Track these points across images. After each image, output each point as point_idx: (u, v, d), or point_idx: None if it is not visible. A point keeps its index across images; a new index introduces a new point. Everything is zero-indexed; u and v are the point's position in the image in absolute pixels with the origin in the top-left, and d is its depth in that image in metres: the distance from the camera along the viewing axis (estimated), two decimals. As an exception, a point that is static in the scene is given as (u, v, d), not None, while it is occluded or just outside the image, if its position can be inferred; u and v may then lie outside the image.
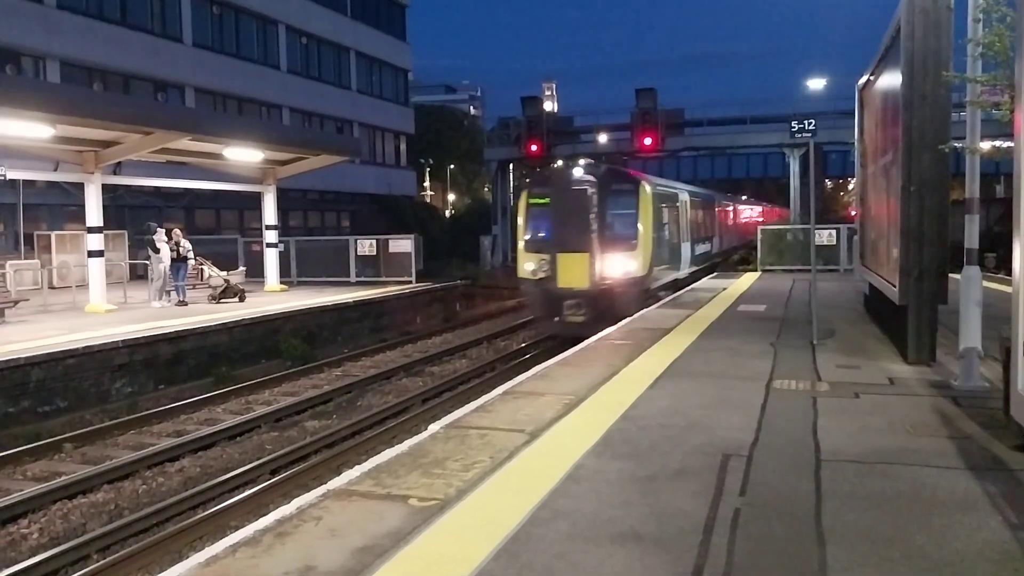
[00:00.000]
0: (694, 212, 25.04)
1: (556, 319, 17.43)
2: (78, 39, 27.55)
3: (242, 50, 36.22)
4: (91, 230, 17.54)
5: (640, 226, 17.58)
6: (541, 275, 17.27)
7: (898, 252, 9.50)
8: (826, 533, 4.62)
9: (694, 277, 23.92)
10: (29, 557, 7.07)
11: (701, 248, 26.15)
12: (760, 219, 47.88)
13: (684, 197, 23.19)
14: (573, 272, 16.86)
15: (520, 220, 18.73)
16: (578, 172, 17.94)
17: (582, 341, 12.13)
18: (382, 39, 46.28)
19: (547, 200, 17.86)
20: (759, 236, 27.85)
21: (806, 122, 11.78)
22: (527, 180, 38.43)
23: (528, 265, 17.85)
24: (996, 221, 32.26)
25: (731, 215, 37.70)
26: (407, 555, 4.40)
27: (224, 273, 20.31)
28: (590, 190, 17.07)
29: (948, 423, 7.04)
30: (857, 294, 16.64)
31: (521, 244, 18.49)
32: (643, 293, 17.63)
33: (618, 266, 17.16)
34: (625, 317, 14.73)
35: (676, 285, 21.21)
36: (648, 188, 18.07)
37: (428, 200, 65.74)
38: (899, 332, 10.23)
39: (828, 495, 5.23)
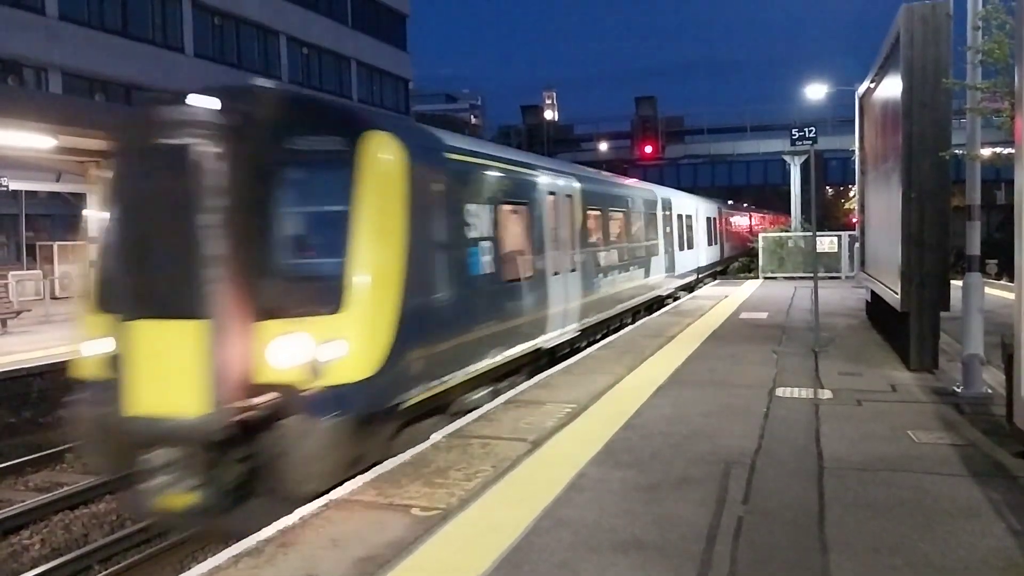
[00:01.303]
0: (604, 219, 14.10)
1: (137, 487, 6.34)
2: (80, 49, 27.66)
3: (243, 60, 36.35)
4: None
5: (364, 246, 6.51)
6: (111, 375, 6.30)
7: (899, 259, 9.50)
8: (829, 541, 4.61)
9: (594, 335, 13.49)
10: (31, 568, 7.05)
11: (616, 283, 14.67)
12: (755, 228, 42.85)
13: (567, 185, 12.05)
14: (162, 375, 5.96)
15: (91, 229, 8.30)
16: (195, 101, 6.60)
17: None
18: (383, 49, 46.45)
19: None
20: (760, 244, 27.94)
21: (806, 129, 11.84)
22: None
23: (95, 345, 6.87)
24: (997, 227, 32.29)
25: (705, 225, 27.69)
26: (409, 565, 4.40)
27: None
28: (206, 148, 6.14)
29: (951, 430, 7.02)
30: (859, 301, 16.63)
31: (88, 289, 7.57)
32: (374, 425, 6.53)
33: (295, 353, 6.20)
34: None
35: (553, 358, 11.20)
36: (394, 145, 7.02)
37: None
38: (901, 339, 10.22)
39: (831, 503, 5.22)
